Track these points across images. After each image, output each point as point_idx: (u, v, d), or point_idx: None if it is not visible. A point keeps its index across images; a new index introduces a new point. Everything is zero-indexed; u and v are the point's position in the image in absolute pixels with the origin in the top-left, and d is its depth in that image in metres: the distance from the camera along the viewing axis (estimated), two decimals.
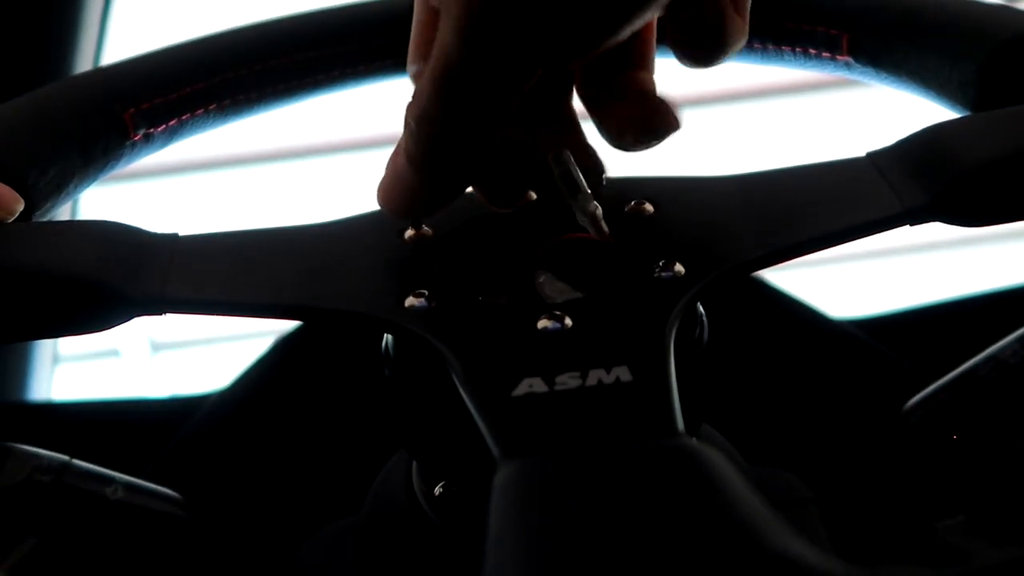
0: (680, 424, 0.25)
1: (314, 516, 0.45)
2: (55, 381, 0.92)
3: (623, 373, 0.27)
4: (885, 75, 0.43)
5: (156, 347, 1.84)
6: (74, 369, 1.56)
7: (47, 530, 0.37)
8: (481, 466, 0.25)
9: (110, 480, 0.37)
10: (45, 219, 0.39)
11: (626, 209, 0.35)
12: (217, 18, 0.53)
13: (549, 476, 0.24)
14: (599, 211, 0.33)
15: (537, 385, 0.27)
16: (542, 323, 0.30)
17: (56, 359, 0.93)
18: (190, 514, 0.39)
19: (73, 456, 0.37)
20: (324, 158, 1.61)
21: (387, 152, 0.34)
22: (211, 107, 0.45)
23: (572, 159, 0.34)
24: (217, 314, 0.33)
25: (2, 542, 0.35)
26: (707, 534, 0.21)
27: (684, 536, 0.21)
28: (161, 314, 0.33)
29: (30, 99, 0.40)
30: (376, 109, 1.41)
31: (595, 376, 0.27)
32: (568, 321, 0.30)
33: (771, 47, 0.46)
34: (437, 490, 0.37)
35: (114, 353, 1.78)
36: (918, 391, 0.41)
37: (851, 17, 0.43)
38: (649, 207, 0.35)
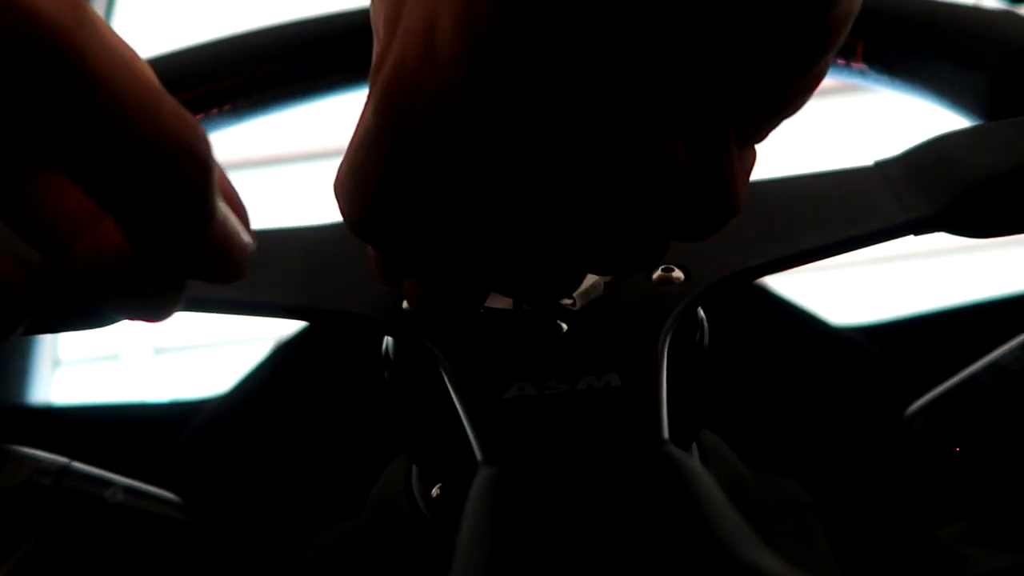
0: (665, 432, 0.25)
1: (314, 520, 0.45)
2: (55, 385, 0.92)
3: (613, 379, 0.27)
4: (899, 82, 0.43)
5: (157, 351, 1.84)
6: (75, 373, 1.56)
7: (46, 532, 0.37)
8: (476, 469, 0.25)
9: (110, 483, 0.37)
10: None
11: None
12: (224, 23, 0.53)
13: (522, 484, 0.24)
14: None
15: (527, 389, 0.27)
16: (537, 327, 0.30)
17: (56, 363, 0.93)
18: (190, 517, 0.39)
19: (73, 459, 0.37)
20: (328, 162, 1.62)
21: None
22: (224, 107, 0.45)
23: None
24: (219, 312, 0.33)
25: (1, 544, 0.35)
26: (676, 543, 0.21)
27: (652, 545, 0.21)
28: None
29: None
30: None
31: (585, 382, 0.27)
32: (563, 326, 0.30)
33: None
34: (434, 492, 0.37)
35: (115, 357, 1.78)
36: (920, 397, 0.41)
37: (866, 24, 0.43)
38: None
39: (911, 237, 0.34)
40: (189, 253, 0.24)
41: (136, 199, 0.22)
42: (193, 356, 1.83)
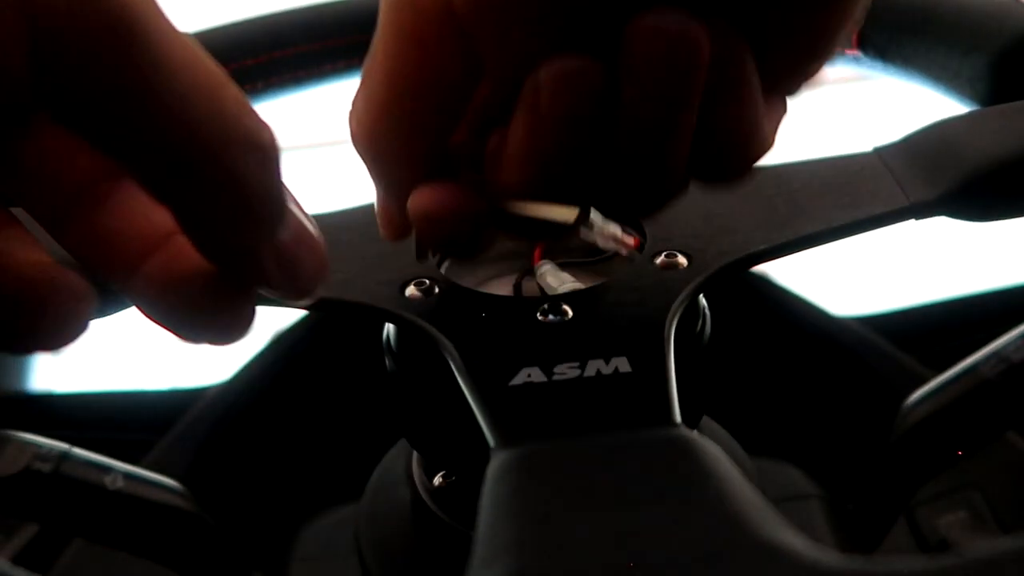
0: (677, 415, 0.25)
1: (314, 507, 0.45)
2: (55, 372, 0.92)
3: (622, 364, 0.27)
4: (894, 69, 0.43)
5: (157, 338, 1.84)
6: (74, 361, 1.56)
7: (47, 518, 0.37)
8: (481, 457, 0.25)
9: (109, 469, 0.37)
10: None
11: None
12: (219, 10, 0.53)
13: (542, 466, 0.24)
14: (618, 230, 0.33)
15: (535, 375, 0.27)
16: (542, 313, 0.30)
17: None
18: (190, 503, 0.39)
19: (73, 446, 0.37)
20: (326, 149, 1.61)
21: None
22: None
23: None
24: None
25: (2, 530, 0.35)
26: (698, 524, 0.21)
27: (675, 526, 0.21)
28: None
29: None
30: None
31: (594, 367, 0.27)
32: (569, 311, 0.30)
33: None
34: (437, 480, 0.37)
35: (116, 344, 1.78)
36: (920, 387, 0.41)
37: None
38: None
39: (915, 225, 0.34)
40: (264, 255, 0.23)
41: (201, 192, 0.21)
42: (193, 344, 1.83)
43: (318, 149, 1.62)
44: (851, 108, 1.56)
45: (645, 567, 0.20)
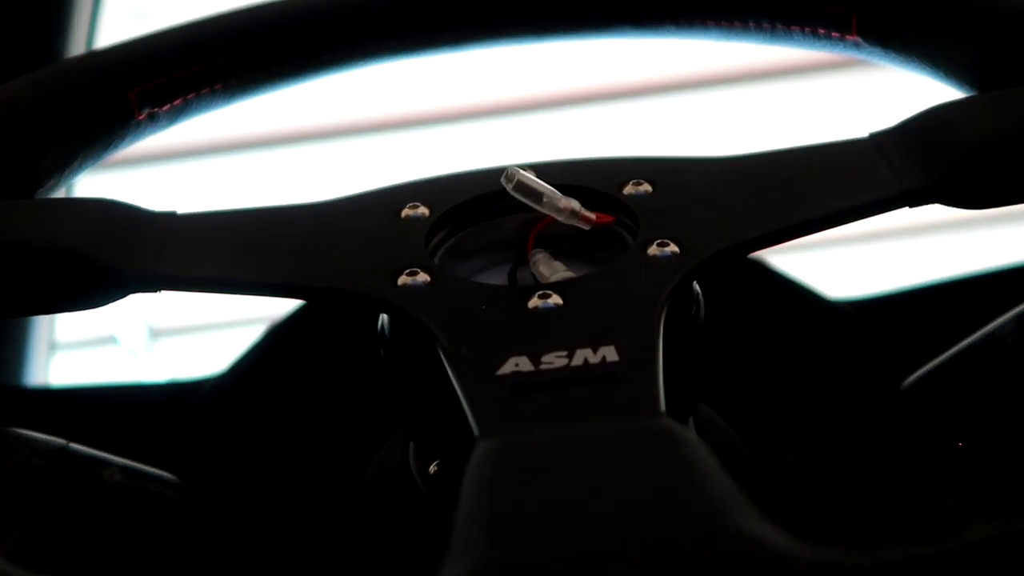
0: (662, 405, 0.25)
1: (312, 497, 0.46)
2: (52, 369, 0.92)
3: (610, 353, 0.27)
4: (894, 55, 0.43)
5: (155, 334, 1.84)
6: (71, 357, 1.56)
7: (45, 513, 0.37)
8: (470, 445, 0.25)
9: (107, 464, 0.37)
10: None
11: (623, 189, 0.35)
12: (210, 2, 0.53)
13: (521, 456, 0.24)
14: (575, 204, 0.33)
15: (523, 364, 0.27)
16: (533, 302, 0.30)
17: (52, 346, 0.93)
18: (187, 497, 0.39)
19: (70, 440, 0.37)
20: (322, 142, 1.61)
21: (385, 137, 0.33)
22: (216, 87, 0.45)
23: (521, 171, 0.33)
24: (211, 292, 0.33)
25: (0, 526, 0.35)
26: (673, 514, 0.21)
27: (651, 516, 0.21)
28: (156, 291, 0.32)
29: (35, 78, 0.40)
30: (374, 92, 1.41)
31: (582, 356, 0.27)
32: (559, 300, 0.30)
33: (780, 27, 0.45)
34: (432, 468, 0.37)
35: (111, 341, 1.78)
36: (916, 370, 0.41)
37: None
38: (647, 187, 0.35)
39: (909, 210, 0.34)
40: None
41: None
42: (190, 339, 1.83)
43: (314, 143, 1.62)
44: (850, 95, 1.56)
45: (618, 556, 0.20)
